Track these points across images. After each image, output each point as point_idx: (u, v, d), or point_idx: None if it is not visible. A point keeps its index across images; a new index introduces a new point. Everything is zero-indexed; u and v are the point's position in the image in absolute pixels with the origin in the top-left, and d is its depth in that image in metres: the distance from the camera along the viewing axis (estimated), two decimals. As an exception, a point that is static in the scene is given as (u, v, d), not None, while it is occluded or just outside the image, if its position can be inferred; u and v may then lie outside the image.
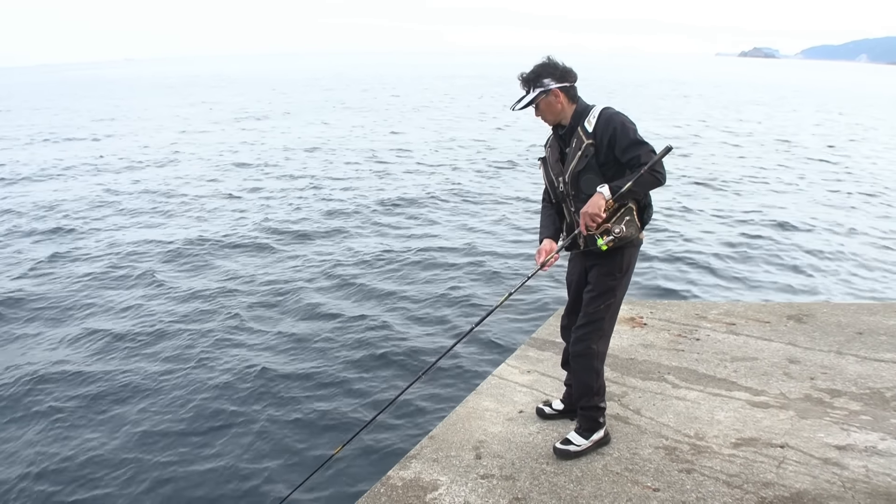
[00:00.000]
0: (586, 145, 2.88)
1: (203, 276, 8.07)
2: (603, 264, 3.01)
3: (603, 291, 3.01)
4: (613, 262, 2.99)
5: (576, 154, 2.92)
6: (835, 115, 30.44)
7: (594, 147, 2.86)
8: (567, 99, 2.95)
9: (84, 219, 11.03)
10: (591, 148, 2.87)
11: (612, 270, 3.00)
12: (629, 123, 2.84)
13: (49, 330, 6.52)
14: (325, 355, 5.83)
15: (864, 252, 9.25)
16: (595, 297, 3.03)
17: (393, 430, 4.57)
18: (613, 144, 2.83)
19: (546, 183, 3.16)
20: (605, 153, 2.85)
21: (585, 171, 2.90)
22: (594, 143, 2.86)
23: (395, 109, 31.64)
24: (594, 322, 3.04)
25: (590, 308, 3.05)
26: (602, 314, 3.03)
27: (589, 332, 3.05)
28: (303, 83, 60.28)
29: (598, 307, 3.02)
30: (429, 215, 11.14)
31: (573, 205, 3.01)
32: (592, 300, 3.04)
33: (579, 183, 2.92)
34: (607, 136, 2.83)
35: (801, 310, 4.97)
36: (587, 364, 3.07)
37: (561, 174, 3.02)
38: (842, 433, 3.26)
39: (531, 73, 2.94)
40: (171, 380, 5.41)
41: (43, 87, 63.55)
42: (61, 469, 4.30)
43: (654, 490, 2.87)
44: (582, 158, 2.89)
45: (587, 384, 3.11)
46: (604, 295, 3.01)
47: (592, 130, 2.87)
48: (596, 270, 3.03)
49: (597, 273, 3.03)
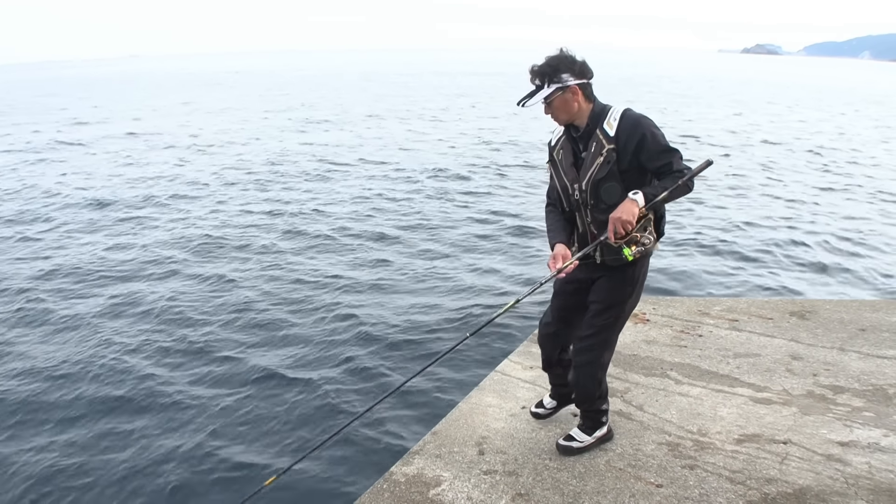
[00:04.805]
0: (608, 150, 2.64)
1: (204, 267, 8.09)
2: (613, 276, 2.82)
3: (611, 304, 2.84)
4: (625, 274, 2.80)
5: (595, 160, 2.68)
6: (856, 114, 29.67)
7: (616, 153, 2.63)
8: (584, 98, 2.69)
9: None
10: (613, 154, 2.63)
11: (623, 283, 2.82)
12: (656, 129, 2.63)
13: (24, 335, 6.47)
14: (325, 349, 5.83)
15: (868, 248, 9.23)
16: (603, 310, 2.84)
17: (396, 425, 4.57)
18: (640, 151, 2.61)
19: (558, 189, 2.88)
20: (630, 160, 2.63)
21: (607, 179, 2.66)
22: (616, 148, 2.63)
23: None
24: (601, 334, 2.88)
25: (597, 320, 2.86)
26: (611, 326, 2.88)
27: (595, 343, 2.89)
28: (334, 79, 59.01)
29: (606, 320, 2.85)
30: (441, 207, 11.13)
31: (590, 215, 2.77)
32: (600, 312, 2.85)
33: (599, 191, 2.69)
34: (633, 141, 2.60)
35: (803, 306, 4.97)
36: (591, 373, 2.95)
37: (577, 181, 2.76)
38: (845, 429, 3.26)
39: (547, 66, 2.63)
40: (185, 379, 5.40)
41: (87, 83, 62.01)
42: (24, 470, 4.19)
43: (658, 486, 2.87)
44: (604, 165, 2.65)
45: (590, 392, 3.02)
46: (613, 308, 2.84)
47: (615, 134, 2.63)
48: (605, 282, 2.84)
49: (606, 285, 2.84)
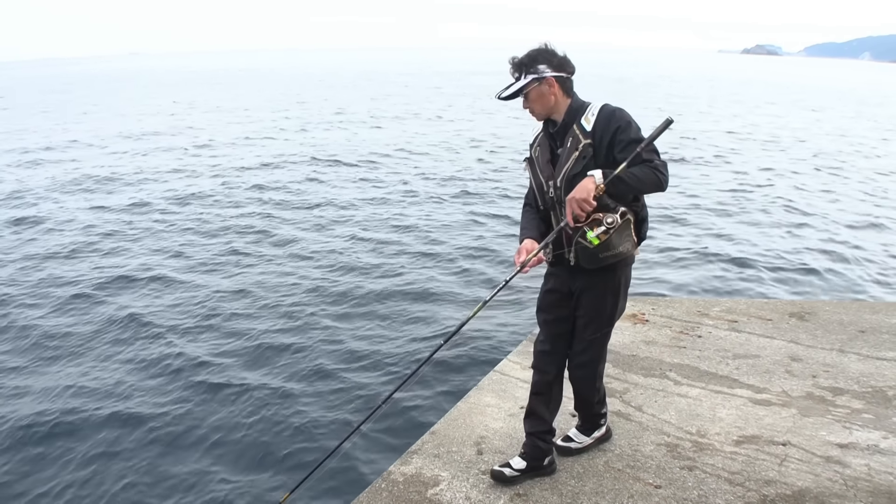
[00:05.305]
0: (584, 145, 2.57)
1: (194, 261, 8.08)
2: (594, 286, 2.73)
3: (595, 317, 2.79)
4: (605, 284, 2.72)
5: (571, 155, 2.60)
6: (857, 115, 29.36)
7: (592, 148, 2.56)
8: (562, 91, 2.63)
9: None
10: (589, 149, 2.56)
11: (604, 294, 2.74)
12: (633, 122, 2.57)
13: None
14: (307, 355, 5.71)
15: (867, 250, 9.22)
16: (588, 323, 2.81)
17: (394, 425, 4.57)
18: (614, 144, 2.54)
19: (533, 186, 2.82)
20: (606, 154, 2.56)
21: (582, 175, 2.55)
22: (592, 143, 2.57)
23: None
24: (592, 348, 2.87)
25: (586, 333, 2.83)
26: (600, 339, 2.87)
27: (589, 359, 2.89)
28: (337, 77, 58.54)
29: (594, 333, 2.83)
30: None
31: (564, 213, 2.66)
32: (587, 325, 2.82)
33: (573, 188, 2.57)
34: (608, 135, 2.54)
35: (803, 307, 4.97)
36: (591, 384, 2.97)
37: (552, 177, 2.69)
38: (844, 431, 3.26)
39: (525, 57, 2.61)
40: (160, 385, 5.34)
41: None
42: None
43: (656, 487, 2.87)
44: (579, 160, 2.58)
45: (588, 399, 3.04)
46: (597, 320, 2.80)
47: (591, 129, 2.57)
48: (587, 295, 2.76)
49: (589, 298, 2.76)
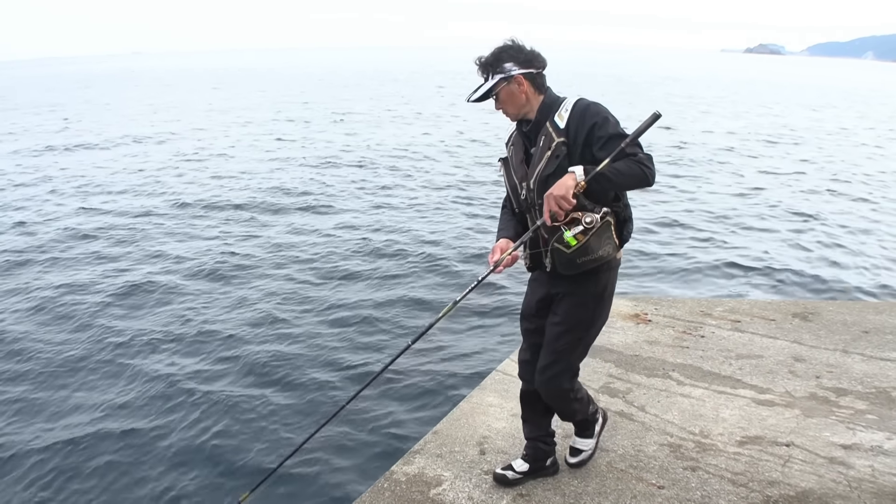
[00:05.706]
0: (557, 144, 2.42)
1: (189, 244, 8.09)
2: (574, 291, 2.55)
3: (574, 325, 2.58)
4: (587, 289, 2.54)
5: (544, 154, 2.46)
6: (859, 115, 29.14)
7: (566, 146, 2.41)
8: (532, 88, 2.49)
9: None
10: (562, 147, 2.41)
11: (584, 300, 2.56)
12: (610, 116, 2.41)
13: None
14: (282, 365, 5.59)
15: (871, 250, 9.20)
16: (564, 332, 2.59)
17: (396, 425, 4.57)
18: (591, 141, 2.38)
19: (507, 188, 2.68)
20: (582, 152, 2.40)
21: (556, 175, 2.39)
22: (566, 141, 2.41)
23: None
24: (562, 361, 2.62)
25: (558, 344, 2.60)
26: (572, 351, 2.63)
27: (557, 372, 2.64)
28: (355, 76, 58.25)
29: (567, 343, 2.60)
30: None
31: (539, 215, 2.50)
32: (561, 335, 2.59)
33: (547, 189, 2.39)
34: (583, 132, 2.38)
35: (806, 308, 4.95)
36: (562, 399, 2.75)
37: (525, 178, 2.54)
38: (847, 432, 3.25)
39: (490, 57, 2.48)
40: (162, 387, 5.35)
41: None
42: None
43: (659, 487, 2.86)
44: (552, 160, 2.43)
45: (568, 413, 2.87)
46: (575, 329, 2.59)
47: (565, 126, 2.42)
48: (566, 300, 2.58)
49: (567, 303, 2.58)
